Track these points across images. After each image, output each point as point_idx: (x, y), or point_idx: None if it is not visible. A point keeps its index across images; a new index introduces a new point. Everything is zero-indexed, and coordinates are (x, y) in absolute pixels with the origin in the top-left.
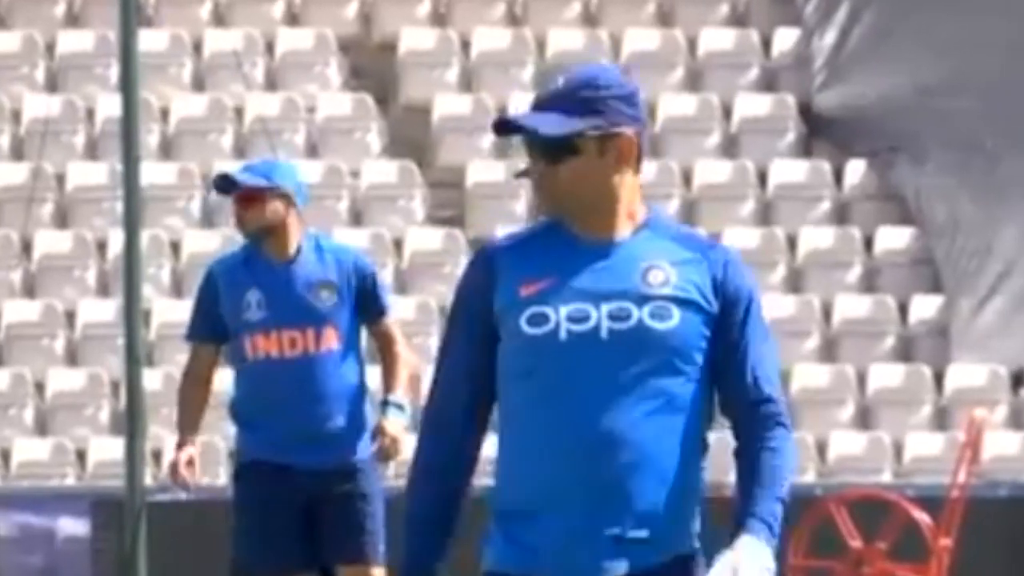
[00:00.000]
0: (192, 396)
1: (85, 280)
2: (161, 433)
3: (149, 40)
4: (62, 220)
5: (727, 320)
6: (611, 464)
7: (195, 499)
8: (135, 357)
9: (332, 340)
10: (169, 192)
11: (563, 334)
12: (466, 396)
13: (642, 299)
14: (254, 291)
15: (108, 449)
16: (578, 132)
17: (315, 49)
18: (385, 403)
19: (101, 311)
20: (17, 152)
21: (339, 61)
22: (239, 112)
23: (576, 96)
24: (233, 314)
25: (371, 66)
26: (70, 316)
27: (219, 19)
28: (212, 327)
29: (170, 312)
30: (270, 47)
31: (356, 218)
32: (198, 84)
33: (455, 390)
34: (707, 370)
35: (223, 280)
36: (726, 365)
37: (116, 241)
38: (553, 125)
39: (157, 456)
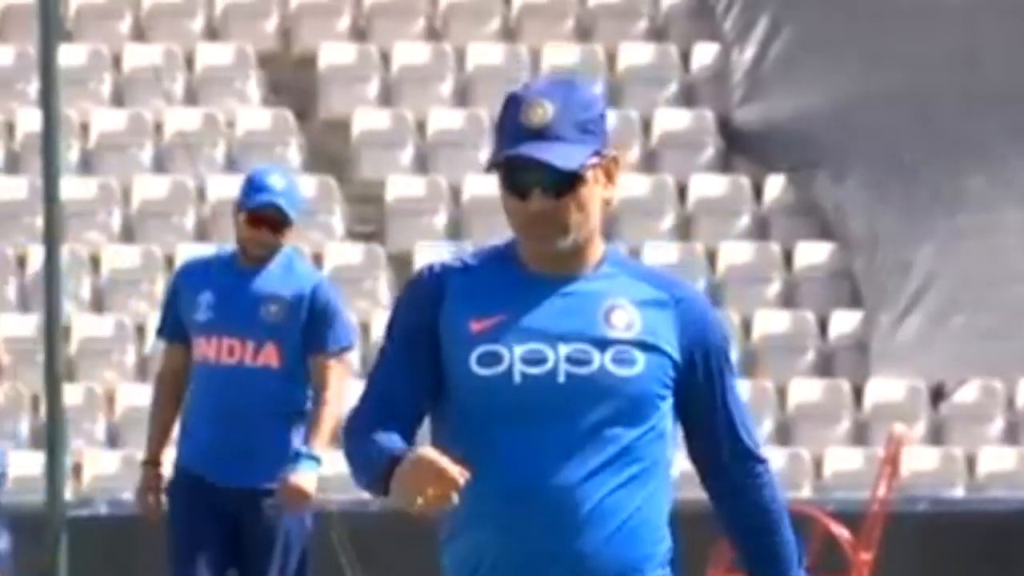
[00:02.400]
0: (161, 401)
1: (5, 295)
2: (82, 448)
3: (69, 55)
4: None
5: (698, 371)
6: (564, 520)
7: (116, 514)
8: (55, 372)
9: (272, 357)
10: (89, 207)
11: (517, 377)
12: (396, 415)
13: (604, 343)
14: (207, 292)
15: (28, 464)
16: (586, 161)
17: (235, 64)
18: (297, 454)
19: (21, 326)
20: None
21: (258, 76)
22: (159, 127)
23: (575, 120)
24: (187, 313)
25: (290, 81)
26: None
27: (139, 34)
28: (172, 326)
29: (90, 327)
30: (190, 62)
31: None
32: (118, 99)
33: (385, 407)
34: (670, 420)
35: (183, 279)
36: (701, 420)
37: (36, 256)
38: (566, 157)
39: (78, 471)
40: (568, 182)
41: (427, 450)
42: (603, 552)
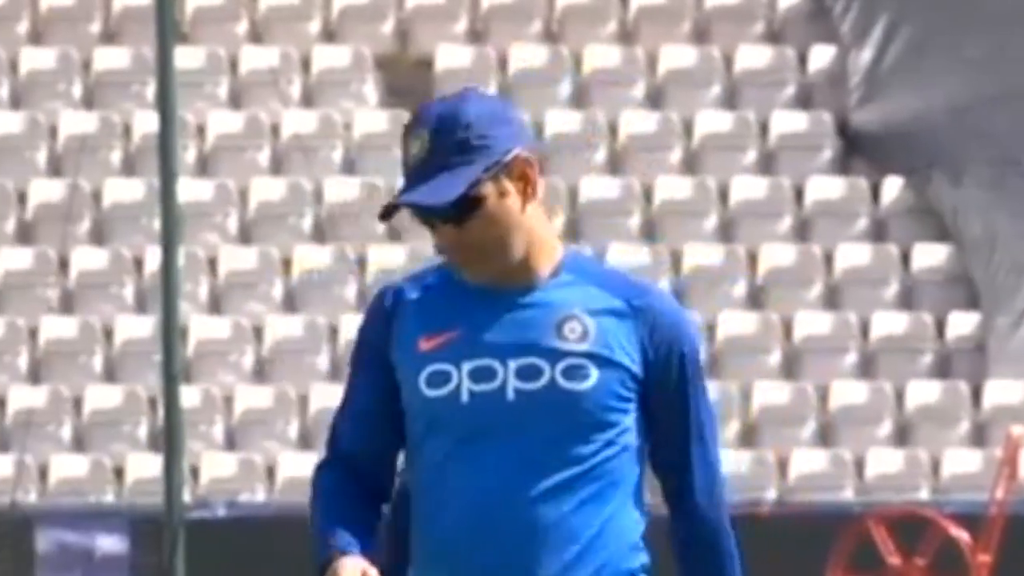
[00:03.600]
0: None
1: (123, 297)
2: (199, 450)
3: (186, 57)
4: (99, 237)
5: (660, 383)
6: (519, 543)
7: (234, 516)
8: (172, 374)
9: None
10: (206, 208)
11: (465, 396)
12: (370, 445)
13: (555, 355)
14: None
15: (146, 466)
16: (474, 183)
17: (352, 66)
18: None
19: (138, 328)
20: (55, 169)
21: (376, 78)
22: (275, 129)
23: (454, 142)
24: None
25: (407, 83)
26: (108, 333)
27: (256, 36)
28: None
29: (207, 329)
30: (306, 64)
31: (394, 235)
32: (235, 101)
33: (358, 438)
34: (636, 435)
35: None
36: (660, 434)
37: (153, 258)
38: (443, 190)
39: (195, 473)
40: (464, 208)
41: (350, 563)
42: (561, 575)
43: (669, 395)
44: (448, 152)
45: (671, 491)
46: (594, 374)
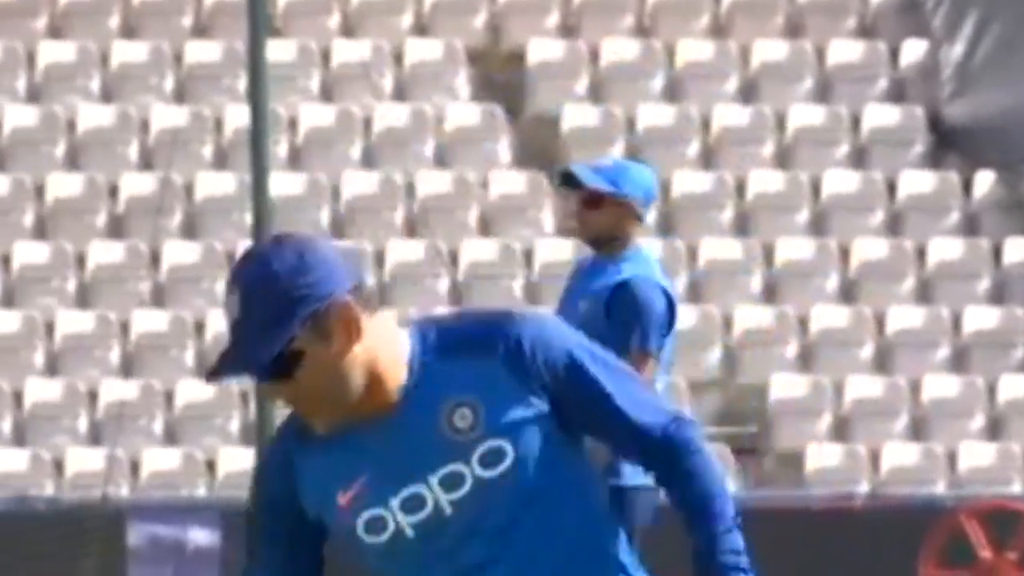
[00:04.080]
0: None
1: (214, 291)
2: None
3: (277, 50)
4: (191, 231)
5: (564, 392)
6: None
7: None
8: None
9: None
10: (298, 202)
11: (408, 531)
12: None
13: (464, 452)
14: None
15: (239, 460)
16: (288, 339)
17: (444, 59)
18: None
19: None
20: (146, 162)
21: (468, 72)
22: (367, 123)
23: (262, 303)
24: None
25: (500, 77)
26: (199, 327)
27: (348, 30)
28: None
29: None
30: (398, 57)
31: (485, 229)
32: (326, 94)
33: None
34: (573, 464)
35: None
36: (598, 427)
37: None
38: (259, 352)
39: None
40: (286, 365)
41: None
42: None
43: (583, 396)
44: (261, 312)
45: (645, 455)
46: (508, 447)
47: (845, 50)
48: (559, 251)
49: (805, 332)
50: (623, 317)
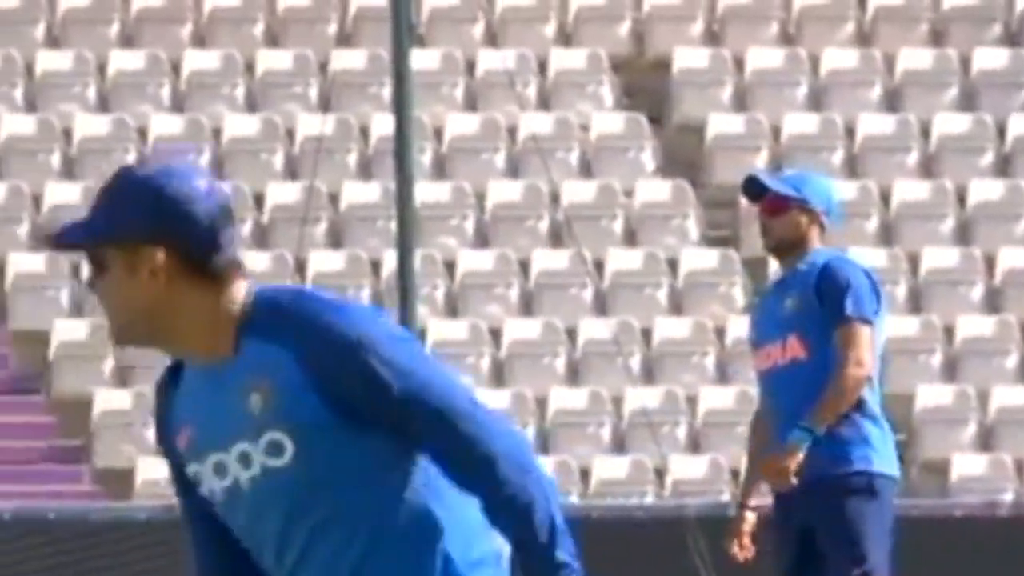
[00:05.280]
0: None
1: (360, 299)
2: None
3: (421, 59)
4: (336, 239)
5: (363, 397)
6: None
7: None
8: None
9: (797, 350)
10: (443, 211)
11: (219, 493)
12: (209, 553)
13: (253, 436)
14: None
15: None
16: (106, 239)
17: (588, 68)
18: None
19: None
20: (291, 171)
21: (612, 80)
22: (512, 131)
23: (110, 200)
24: None
25: (644, 85)
26: None
27: (491, 39)
28: None
29: (445, 331)
30: (543, 66)
31: (630, 237)
32: (471, 103)
33: (197, 553)
34: (372, 468)
35: None
36: (408, 434)
37: (390, 260)
38: (84, 231)
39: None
40: (92, 264)
41: None
42: None
43: (382, 397)
44: (106, 206)
45: (467, 484)
46: (289, 444)
47: (990, 58)
48: (704, 259)
49: (951, 342)
50: (834, 291)
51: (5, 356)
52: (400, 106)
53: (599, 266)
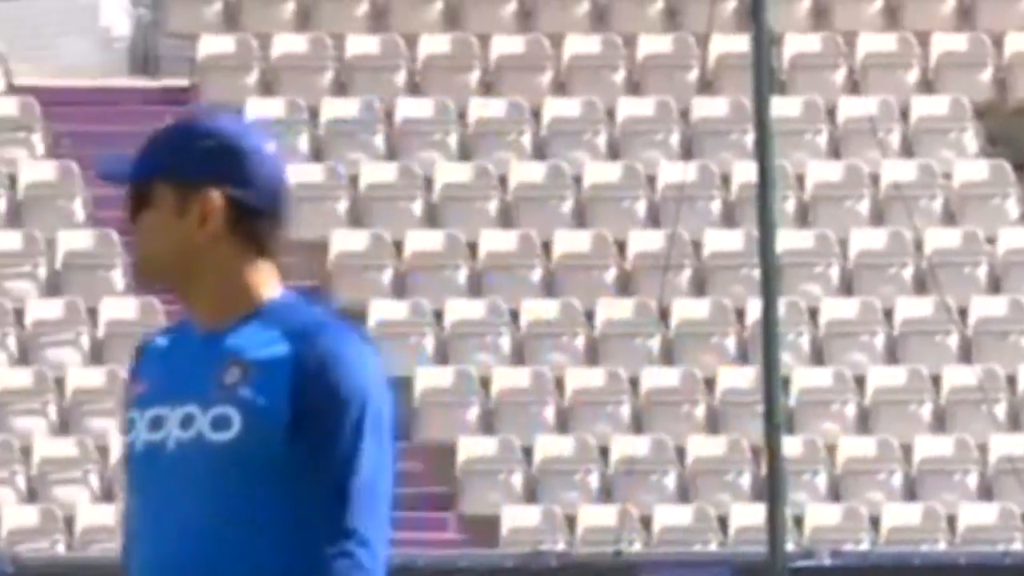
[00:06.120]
0: None
1: (724, 347)
2: (803, 500)
3: (783, 106)
4: (699, 287)
5: (310, 431)
6: None
7: (839, 565)
8: (775, 424)
9: None
10: (806, 258)
11: (139, 445)
12: None
13: (208, 403)
14: None
15: (750, 515)
16: (152, 178)
17: (950, 115)
18: None
19: (740, 378)
20: (653, 219)
21: (975, 127)
22: (875, 179)
23: (170, 139)
24: None
25: (1008, 131)
26: (709, 382)
27: (853, 86)
28: None
29: (810, 379)
30: (904, 113)
31: (994, 285)
32: (834, 150)
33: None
34: (288, 484)
35: None
36: (306, 485)
37: (753, 308)
38: (126, 166)
39: (799, 522)
40: (133, 198)
41: None
42: None
43: (317, 443)
44: (164, 144)
45: (300, 548)
46: (236, 423)
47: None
48: None
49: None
50: None
51: None
52: (762, 153)
53: (963, 313)
